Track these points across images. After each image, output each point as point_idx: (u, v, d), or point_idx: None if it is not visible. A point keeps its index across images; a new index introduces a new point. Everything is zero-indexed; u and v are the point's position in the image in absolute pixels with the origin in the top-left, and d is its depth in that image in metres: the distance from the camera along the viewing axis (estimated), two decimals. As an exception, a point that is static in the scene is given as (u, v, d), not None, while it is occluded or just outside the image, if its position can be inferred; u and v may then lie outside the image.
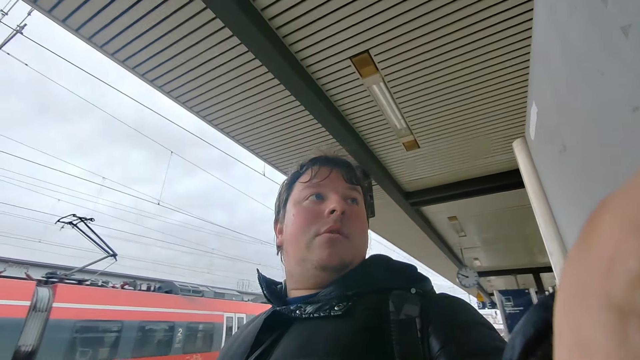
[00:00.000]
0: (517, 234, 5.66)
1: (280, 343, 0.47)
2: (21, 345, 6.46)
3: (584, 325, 0.11)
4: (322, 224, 0.55)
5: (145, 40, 1.98)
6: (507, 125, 2.72)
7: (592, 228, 0.12)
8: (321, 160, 0.64)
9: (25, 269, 7.95)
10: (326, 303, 0.48)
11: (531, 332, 0.18)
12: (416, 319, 0.44)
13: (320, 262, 0.53)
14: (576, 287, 0.11)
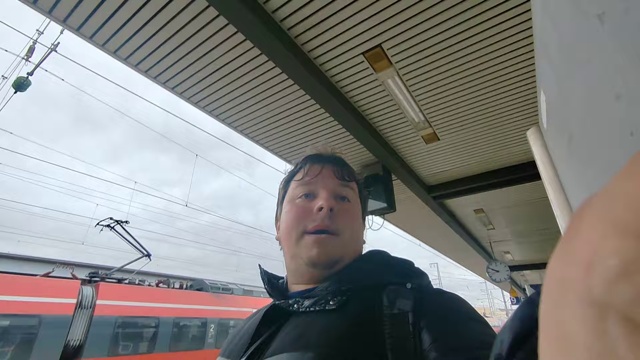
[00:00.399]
0: (551, 225, 5.38)
1: (278, 335, 0.49)
2: (70, 340, 6.97)
3: (566, 320, 0.11)
4: (310, 221, 0.56)
5: (165, 50, 2.08)
6: (529, 115, 2.60)
7: (574, 227, 0.12)
8: (313, 158, 0.65)
9: (71, 269, 8.55)
10: (322, 298, 0.50)
11: (518, 328, 0.18)
12: (409, 313, 0.44)
13: (309, 260, 0.55)
14: (559, 284, 0.12)
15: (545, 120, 0.85)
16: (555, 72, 0.53)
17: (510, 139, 2.97)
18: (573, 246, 0.12)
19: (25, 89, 6.46)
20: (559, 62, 0.50)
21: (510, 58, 2.08)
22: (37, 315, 6.50)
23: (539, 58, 0.71)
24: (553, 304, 0.12)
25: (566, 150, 0.61)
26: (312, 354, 0.41)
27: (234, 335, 0.59)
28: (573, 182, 0.70)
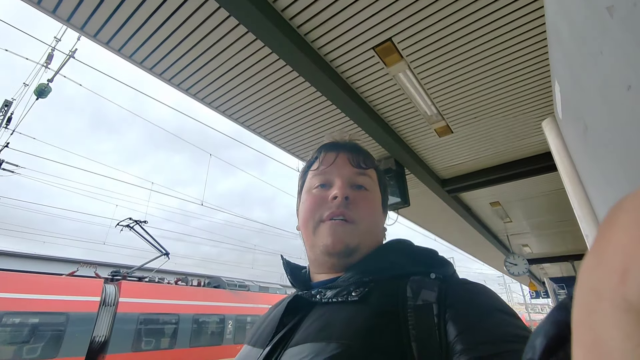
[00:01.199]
0: (570, 217, 5.23)
1: (302, 326, 0.49)
2: (95, 336, 7.25)
3: (600, 327, 0.11)
4: (325, 210, 0.56)
5: (177, 53, 2.12)
6: (542, 106, 2.54)
7: (606, 231, 0.12)
8: (328, 147, 0.65)
9: (94, 268, 8.86)
10: (344, 289, 0.50)
11: (552, 333, 0.18)
12: (433, 304, 0.43)
13: (325, 249, 0.54)
14: (592, 290, 0.12)
15: (560, 111, 0.83)
16: (569, 62, 0.52)
17: (525, 130, 2.91)
18: (605, 252, 0.12)
19: (47, 96, 6.70)
20: (572, 52, 0.49)
21: (523, 48, 2.03)
22: (65, 313, 6.78)
23: (553, 48, 0.69)
24: (586, 310, 0.12)
25: (582, 140, 0.60)
26: (335, 345, 0.41)
27: (259, 325, 0.60)
28: (590, 172, 0.69)
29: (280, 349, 0.47)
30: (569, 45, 0.51)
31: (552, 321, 0.18)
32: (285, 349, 0.47)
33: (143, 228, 9.27)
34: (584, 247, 7.41)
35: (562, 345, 0.17)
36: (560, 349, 0.17)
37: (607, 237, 0.12)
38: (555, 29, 0.56)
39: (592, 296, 0.12)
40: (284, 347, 0.47)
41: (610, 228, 0.12)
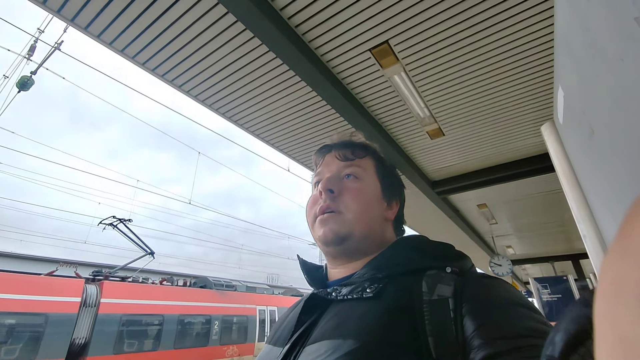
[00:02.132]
0: (552, 219, 5.41)
1: (319, 323, 0.50)
2: (75, 337, 7.02)
3: (625, 323, 0.11)
4: (317, 207, 0.60)
5: (172, 48, 2.08)
6: (534, 108, 2.62)
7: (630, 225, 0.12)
8: (320, 150, 0.69)
9: (74, 268, 8.59)
10: (359, 285, 0.51)
11: (573, 329, 0.17)
12: (449, 299, 0.43)
13: (320, 241, 0.59)
14: (615, 284, 0.12)
15: (561, 116, 0.87)
16: (579, 69, 0.54)
17: (516, 133, 2.99)
18: (629, 244, 0.11)
19: (29, 88, 6.47)
20: (584, 60, 0.51)
21: (518, 53, 2.08)
22: (44, 314, 6.55)
23: (560, 55, 0.72)
24: (609, 304, 0.12)
25: (586, 144, 0.63)
26: (352, 341, 0.42)
27: (280, 324, 0.61)
28: (591, 176, 0.72)
29: (299, 347, 0.48)
30: (580, 53, 0.53)
31: (573, 316, 0.18)
32: (304, 346, 0.47)
33: (127, 226, 9.05)
34: (563, 249, 7.68)
35: (583, 341, 0.16)
36: (581, 345, 0.16)
37: (630, 230, 0.12)
38: (565, 37, 0.58)
39: (615, 289, 0.11)
40: (302, 345, 0.48)
41: (633, 221, 0.12)
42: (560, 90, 0.76)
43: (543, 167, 3.27)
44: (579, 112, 0.64)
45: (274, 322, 11.98)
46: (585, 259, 7.76)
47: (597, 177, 0.68)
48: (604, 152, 0.57)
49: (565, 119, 0.80)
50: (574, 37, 0.55)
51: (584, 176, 0.83)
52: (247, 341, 10.85)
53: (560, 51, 0.66)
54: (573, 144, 0.82)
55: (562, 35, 0.60)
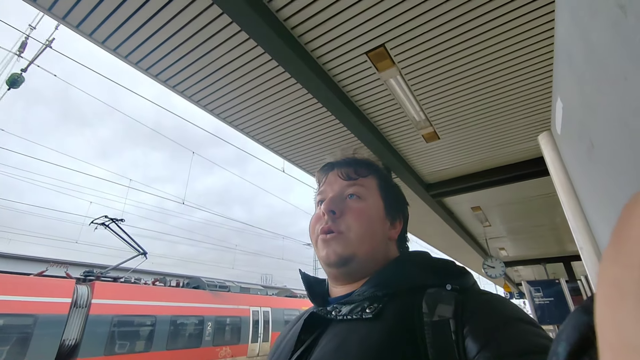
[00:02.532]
0: (545, 222, 5.47)
1: (319, 343, 0.49)
2: (65, 339, 6.92)
3: (627, 327, 0.10)
4: (319, 226, 0.60)
5: (166, 48, 2.05)
6: (529, 114, 2.64)
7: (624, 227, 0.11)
8: (323, 168, 0.69)
9: (65, 268, 8.46)
10: (358, 305, 0.50)
11: (574, 338, 0.17)
12: (450, 320, 0.42)
13: (323, 260, 0.58)
14: (615, 287, 0.11)
15: (559, 126, 0.87)
16: (580, 83, 0.54)
17: (510, 138, 3.01)
18: (627, 246, 0.11)
19: (19, 86, 6.36)
20: (585, 75, 0.51)
21: (516, 60, 2.09)
22: (32, 315, 6.43)
23: (559, 67, 0.72)
24: (610, 308, 0.11)
25: (585, 156, 0.62)
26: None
27: (279, 342, 0.60)
28: (589, 188, 0.72)
29: None
30: (581, 66, 0.53)
31: (574, 325, 0.17)
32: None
33: (119, 226, 8.94)
34: (555, 251, 7.77)
35: (586, 349, 0.16)
36: (584, 354, 0.16)
37: (626, 230, 0.11)
38: (566, 50, 0.58)
39: (614, 292, 0.11)
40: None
41: (628, 222, 0.11)
42: (559, 102, 0.76)
43: (536, 171, 3.30)
44: (578, 124, 0.64)
45: (267, 323, 11.95)
46: (576, 261, 7.86)
47: (595, 190, 0.68)
48: (603, 166, 0.56)
49: (564, 130, 0.80)
50: (575, 50, 0.54)
51: (581, 188, 0.83)
52: (240, 342, 10.79)
53: (560, 62, 0.65)
54: (571, 155, 0.82)
55: (563, 47, 0.60)
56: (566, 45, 0.58)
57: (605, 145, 0.52)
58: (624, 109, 0.41)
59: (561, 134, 0.85)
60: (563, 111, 0.75)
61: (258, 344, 11.41)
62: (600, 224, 0.74)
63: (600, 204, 0.67)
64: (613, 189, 0.55)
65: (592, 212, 0.78)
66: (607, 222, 0.67)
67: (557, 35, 0.62)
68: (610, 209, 0.62)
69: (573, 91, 0.60)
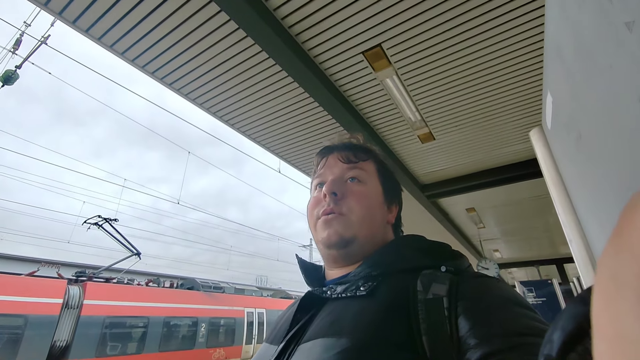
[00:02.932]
0: (538, 224, 5.53)
1: (314, 321, 0.50)
2: (56, 340, 6.83)
3: (622, 319, 0.10)
4: (320, 208, 0.60)
5: (164, 45, 2.06)
6: (524, 114, 2.67)
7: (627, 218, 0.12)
8: (322, 151, 0.69)
9: (57, 268, 8.36)
10: (353, 284, 0.51)
11: (570, 327, 0.17)
12: (444, 297, 0.43)
13: (323, 242, 0.58)
14: (612, 279, 0.11)
15: (549, 121, 0.89)
16: (569, 75, 0.55)
17: (505, 139, 3.04)
18: (626, 239, 0.11)
19: (13, 83, 6.30)
20: (575, 66, 0.52)
21: (510, 59, 2.13)
22: (23, 315, 6.35)
23: (549, 61, 0.74)
24: (607, 300, 0.12)
25: (573, 148, 0.64)
26: (345, 339, 0.42)
27: (277, 323, 0.61)
28: (577, 180, 0.74)
29: (293, 345, 0.48)
30: (570, 59, 0.54)
31: (570, 314, 0.17)
32: (299, 344, 0.47)
33: (113, 226, 8.86)
34: (548, 253, 7.85)
35: (581, 339, 0.16)
36: (579, 343, 0.16)
37: (627, 224, 0.11)
38: (555, 43, 0.60)
39: (612, 285, 0.11)
40: (297, 342, 0.48)
41: (630, 216, 0.12)
42: (549, 96, 0.78)
43: (531, 172, 3.34)
44: (566, 116, 0.66)
45: (262, 324, 11.90)
46: (568, 263, 7.94)
47: (583, 183, 0.70)
48: (590, 156, 0.58)
49: (554, 124, 0.82)
50: (564, 43, 0.56)
51: (570, 181, 0.85)
52: (234, 344, 10.72)
53: (550, 57, 0.67)
54: (560, 148, 0.84)
55: (553, 42, 0.62)
56: (555, 38, 0.60)
57: (592, 134, 0.54)
58: (609, 96, 0.43)
59: (551, 128, 0.87)
60: (553, 105, 0.77)
61: (252, 346, 11.34)
62: (589, 216, 0.75)
63: (588, 196, 0.68)
64: (600, 180, 0.57)
65: (581, 205, 0.80)
66: (595, 215, 0.69)
67: (547, 30, 0.64)
68: (597, 201, 0.63)
69: (562, 84, 0.62)
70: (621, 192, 0.50)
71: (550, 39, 0.67)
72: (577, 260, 0.91)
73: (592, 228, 0.76)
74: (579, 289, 3.41)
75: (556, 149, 0.92)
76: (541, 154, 1.07)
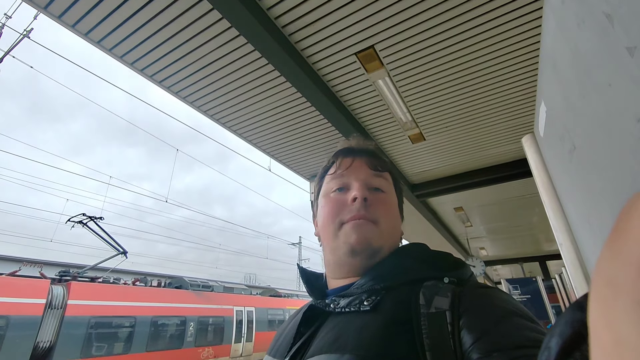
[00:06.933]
0: (523, 222, 5.67)
1: (318, 335, 0.49)
2: (39, 341, 6.65)
3: (619, 324, 0.10)
4: (346, 213, 0.56)
5: (154, 42, 2.01)
6: (513, 117, 2.74)
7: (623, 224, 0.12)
8: (344, 152, 0.65)
9: (39, 268, 8.12)
10: (356, 298, 0.50)
11: (568, 333, 0.17)
12: (447, 311, 0.43)
13: (349, 247, 0.54)
14: (609, 285, 0.11)
15: (542, 129, 0.91)
16: (564, 88, 0.57)
17: (494, 140, 3.10)
18: (622, 244, 0.11)
19: (-8, 77, 6.08)
20: (571, 80, 0.54)
21: (502, 63, 2.17)
22: (4, 316, 6.15)
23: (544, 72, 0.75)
24: (603, 306, 0.12)
25: (566, 158, 0.66)
26: (349, 356, 0.41)
27: (279, 335, 0.60)
28: (569, 188, 0.77)
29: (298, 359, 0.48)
30: (566, 72, 0.56)
31: (567, 320, 0.17)
32: (303, 359, 0.47)
33: (98, 224, 8.65)
34: (532, 250, 8.06)
35: (578, 345, 0.16)
36: (576, 349, 0.16)
37: (623, 229, 0.11)
38: (551, 56, 0.61)
39: (609, 291, 0.11)
40: (301, 357, 0.48)
41: (626, 222, 0.11)
42: (542, 105, 0.80)
43: (518, 173, 3.43)
44: (561, 127, 0.68)
45: (251, 322, 11.85)
46: (551, 260, 8.18)
47: (575, 190, 0.72)
48: (584, 167, 0.60)
49: (547, 133, 0.84)
50: (560, 57, 0.57)
51: (562, 188, 0.88)
52: (223, 342, 10.65)
53: (546, 68, 0.69)
54: (553, 156, 0.86)
55: (549, 53, 0.63)
56: (552, 52, 0.62)
57: (586, 148, 0.56)
58: (606, 113, 0.45)
59: (544, 137, 0.90)
60: (546, 115, 0.79)
61: (241, 344, 11.29)
62: (580, 222, 0.78)
63: (580, 203, 0.71)
64: (592, 190, 0.59)
65: (572, 211, 0.83)
66: (587, 221, 0.72)
67: (543, 43, 0.65)
68: (589, 209, 0.66)
69: (557, 96, 0.63)
70: (613, 201, 0.52)
71: (547, 51, 0.69)
72: (567, 263, 0.94)
73: (583, 233, 0.79)
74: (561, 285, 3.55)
75: (548, 156, 0.95)
76: (533, 160, 1.10)
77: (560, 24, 0.54)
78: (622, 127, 0.42)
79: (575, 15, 0.47)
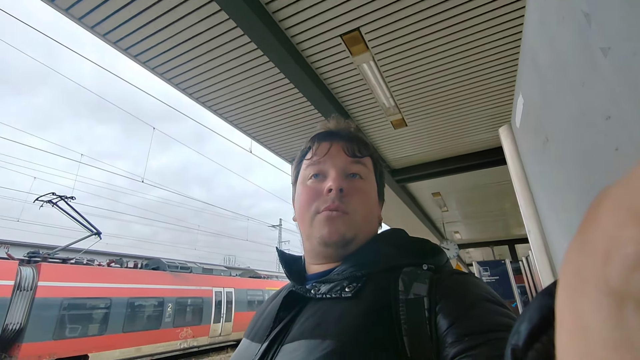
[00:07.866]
0: (495, 208, 5.93)
1: (297, 320, 0.49)
2: (8, 323, 6.46)
3: (583, 311, 0.11)
4: (321, 202, 0.56)
5: (129, 12, 1.89)
6: (492, 106, 2.80)
7: (592, 216, 0.12)
8: (322, 136, 0.63)
9: (6, 248, 7.77)
10: (338, 284, 0.50)
11: (536, 319, 0.17)
12: (424, 297, 0.44)
13: (321, 239, 0.55)
14: (575, 273, 0.12)
15: (518, 121, 0.94)
16: (542, 82, 0.59)
17: (473, 128, 3.18)
18: (589, 235, 0.12)
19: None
20: (548, 76, 0.55)
21: (485, 52, 2.20)
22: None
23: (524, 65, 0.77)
24: (570, 294, 0.12)
25: (539, 149, 0.69)
26: (329, 342, 0.42)
27: (257, 318, 0.60)
28: (540, 178, 0.80)
29: (277, 345, 0.48)
30: (544, 68, 0.57)
31: (537, 306, 0.18)
32: (282, 344, 0.47)
33: (69, 204, 8.32)
34: (502, 234, 8.48)
35: (546, 329, 0.17)
36: (544, 333, 0.17)
37: (592, 221, 0.12)
38: (531, 49, 0.63)
39: (575, 279, 0.12)
40: (280, 342, 0.48)
41: (595, 213, 0.12)
42: (520, 98, 0.83)
43: (494, 161, 3.55)
44: (536, 120, 0.71)
45: (230, 303, 11.96)
46: (519, 244, 8.66)
47: (545, 181, 0.76)
48: (554, 159, 0.63)
49: (522, 124, 0.88)
50: (540, 51, 0.59)
51: (533, 178, 0.92)
52: (202, 323, 10.73)
53: (525, 61, 0.70)
54: (527, 147, 0.90)
55: (529, 47, 0.64)
56: (532, 46, 0.63)
57: (558, 141, 0.59)
58: (578, 110, 0.47)
59: (520, 128, 0.93)
60: (523, 107, 0.82)
61: (220, 324, 11.41)
62: (548, 210, 0.83)
63: (549, 193, 0.75)
64: (560, 180, 0.62)
65: (541, 200, 0.88)
66: (554, 210, 0.76)
67: (525, 36, 0.67)
68: (556, 198, 0.70)
69: (534, 90, 0.65)
70: (580, 193, 0.56)
71: (527, 44, 0.71)
72: (534, 248, 1.01)
73: (550, 222, 0.84)
74: (527, 266, 3.81)
75: (523, 147, 0.99)
76: (508, 150, 1.14)
77: (542, 19, 0.55)
78: (591, 125, 0.44)
79: (556, 11, 0.48)
